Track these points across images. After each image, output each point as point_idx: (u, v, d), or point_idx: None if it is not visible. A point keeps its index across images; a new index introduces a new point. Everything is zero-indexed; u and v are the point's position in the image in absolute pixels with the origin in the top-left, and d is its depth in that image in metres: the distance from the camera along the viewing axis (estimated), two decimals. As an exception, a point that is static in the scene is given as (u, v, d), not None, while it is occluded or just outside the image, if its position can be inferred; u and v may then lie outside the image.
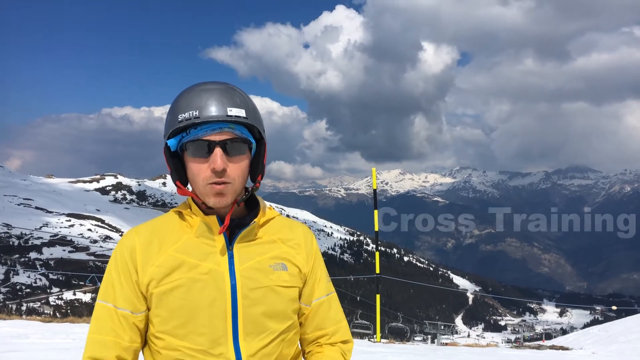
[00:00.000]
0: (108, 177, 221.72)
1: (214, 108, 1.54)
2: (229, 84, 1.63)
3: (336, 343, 1.78)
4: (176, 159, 1.64)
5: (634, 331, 14.68)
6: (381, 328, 14.46)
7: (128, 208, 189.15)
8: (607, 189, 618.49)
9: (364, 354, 9.52)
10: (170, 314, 1.56)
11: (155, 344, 1.60)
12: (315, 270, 1.77)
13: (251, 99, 1.65)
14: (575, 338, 17.50)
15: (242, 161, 1.59)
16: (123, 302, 1.60)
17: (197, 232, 1.63)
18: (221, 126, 1.54)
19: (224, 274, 1.59)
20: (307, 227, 1.84)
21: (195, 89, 1.59)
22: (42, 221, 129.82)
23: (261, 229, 1.70)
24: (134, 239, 1.63)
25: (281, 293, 1.64)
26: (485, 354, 11.09)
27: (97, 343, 1.59)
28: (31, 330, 11.35)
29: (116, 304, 1.60)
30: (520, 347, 14.16)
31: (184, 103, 1.57)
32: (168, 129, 1.59)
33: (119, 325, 1.59)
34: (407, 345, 14.13)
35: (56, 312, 71.77)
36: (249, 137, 1.61)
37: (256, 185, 1.69)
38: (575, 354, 12.10)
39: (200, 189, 1.58)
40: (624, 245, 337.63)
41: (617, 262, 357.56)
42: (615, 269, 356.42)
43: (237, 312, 1.57)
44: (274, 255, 1.67)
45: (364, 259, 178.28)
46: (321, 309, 1.76)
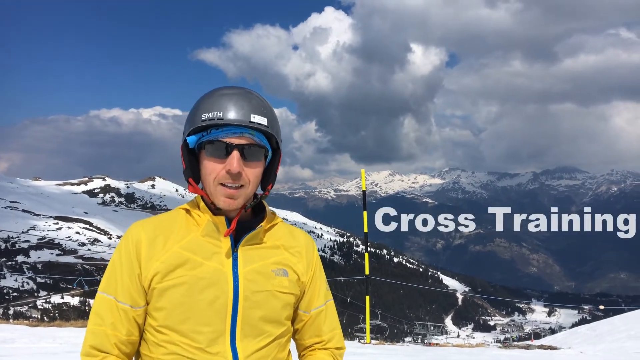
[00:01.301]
0: (96, 180, 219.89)
1: (237, 112, 1.57)
2: (255, 92, 1.67)
3: (330, 349, 1.84)
4: (192, 157, 1.67)
5: (621, 330, 14.79)
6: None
7: (117, 210, 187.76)
8: (595, 189, 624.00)
9: (354, 356, 9.51)
10: (172, 309, 1.58)
11: (156, 337, 1.62)
12: (315, 279, 1.81)
13: (273, 109, 1.69)
14: (564, 337, 17.60)
15: (257, 167, 1.63)
16: (123, 295, 1.62)
17: (204, 231, 1.65)
18: (242, 131, 1.58)
19: (227, 275, 1.61)
20: (309, 236, 1.87)
21: (220, 92, 1.63)
22: (29, 224, 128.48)
23: (266, 234, 1.74)
24: (139, 232, 1.65)
25: (280, 298, 1.67)
26: (475, 354, 11.13)
27: (98, 334, 1.61)
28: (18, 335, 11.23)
29: (117, 297, 1.62)
30: (509, 347, 14.23)
31: (209, 103, 1.60)
32: (190, 126, 1.62)
33: (119, 318, 1.61)
34: (397, 346, 14.14)
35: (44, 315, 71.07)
36: (266, 145, 1.65)
37: (265, 194, 1.72)
38: (564, 354, 12.17)
39: (211, 189, 1.61)
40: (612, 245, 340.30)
41: (605, 262, 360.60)
42: (603, 268, 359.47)
43: (236, 314, 1.60)
44: (277, 260, 1.71)
45: (354, 260, 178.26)
46: (319, 317, 1.81)
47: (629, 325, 15.29)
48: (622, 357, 11.38)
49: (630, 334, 13.89)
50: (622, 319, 17.19)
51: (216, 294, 1.59)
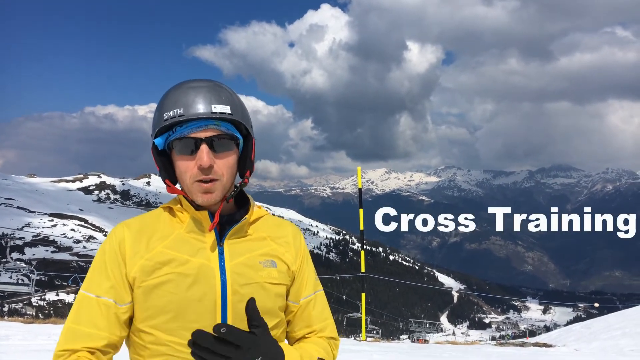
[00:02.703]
0: (91, 177, 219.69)
1: (198, 105, 1.54)
2: (215, 81, 1.64)
3: (323, 338, 1.79)
4: (164, 158, 1.64)
5: (615, 328, 14.85)
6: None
7: (112, 208, 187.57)
8: (590, 188, 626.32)
9: (349, 353, 9.53)
10: (159, 308, 1.55)
11: (142, 339, 1.58)
12: (303, 269, 1.78)
13: (237, 95, 1.66)
14: (559, 335, 17.67)
15: (229, 157, 1.60)
16: (107, 291, 1.57)
17: (188, 227, 1.63)
18: (206, 123, 1.55)
19: (214, 270, 1.58)
20: (295, 226, 1.85)
21: (180, 87, 1.60)
22: (24, 221, 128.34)
23: (251, 226, 1.71)
24: (123, 231, 1.63)
25: (270, 290, 1.64)
26: (470, 352, 11.15)
27: (73, 333, 1.56)
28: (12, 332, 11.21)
29: (99, 294, 1.57)
30: (504, 345, 14.27)
31: (169, 101, 1.58)
32: (154, 127, 1.60)
33: (99, 315, 1.56)
34: (392, 343, 14.17)
35: (39, 313, 71.02)
36: (235, 134, 1.61)
37: (244, 181, 1.69)
38: (559, 351, 12.22)
39: (188, 187, 1.59)
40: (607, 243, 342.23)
41: (600, 260, 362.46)
42: (598, 266, 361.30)
43: (226, 308, 1.57)
44: (264, 252, 1.68)
45: (350, 257, 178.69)
46: (309, 306, 1.76)
47: (623, 323, 15.35)
48: (617, 354, 11.43)
49: (625, 332, 13.95)
50: (617, 317, 17.27)
51: (204, 290, 1.56)
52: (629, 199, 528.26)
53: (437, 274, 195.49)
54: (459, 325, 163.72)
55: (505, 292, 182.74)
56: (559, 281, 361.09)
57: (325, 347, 1.74)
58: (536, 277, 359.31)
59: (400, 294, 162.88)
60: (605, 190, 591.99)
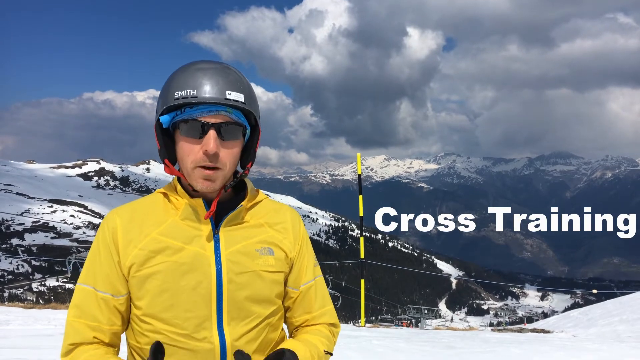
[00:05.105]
0: (91, 163, 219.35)
1: (212, 89, 1.48)
2: (229, 66, 1.58)
3: (323, 324, 1.77)
4: (167, 137, 1.58)
5: (613, 314, 14.94)
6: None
7: (111, 194, 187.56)
8: (589, 175, 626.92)
9: (348, 338, 9.57)
10: (154, 297, 1.52)
11: (140, 327, 1.56)
12: (302, 255, 1.74)
13: (250, 84, 1.61)
14: (556, 321, 17.77)
15: (235, 146, 1.55)
16: (103, 285, 1.55)
17: (183, 214, 1.58)
18: (218, 109, 1.49)
19: (209, 258, 1.55)
20: (294, 211, 1.80)
21: (193, 67, 1.54)
22: (23, 207, 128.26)
23: (248, 212, 1.67)
24: (115, 220, 1.59)
25: (267, 278, 1.61)
26: (468, 338, 11.19)
27: (77, 327, 1.55)
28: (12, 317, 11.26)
29: (96, 287, 1.56)
30: (502, 331, 14.34)
31: (181, 80, 1.51)
32: (162, 105, 1.53)
33: (98, 308, 1.55)
34: (391, 329, 14.24)
35: (39, 298, 71.27)
36: (244, 123, 1.56)
37: (245, 172, 1.65)
38: (556, 337, 12.27)
39: (188, 171, 1.53)
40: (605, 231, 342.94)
41: (598, 247, 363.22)
42: (596, 253, 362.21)
43: (222, 297, 1.54)
44: (261, 239, 1.64)
45: (349, 244, 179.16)
46: (309, 292, 1.74)
47: (621, 310, 15.44)
48: (614, 340, 11.49)
49: (623, 318, 14.03)
50: (615, 304, 17.37)
51: (198, 278, 1.53)
52: (628, 186, 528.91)
53: (435, 260, 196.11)
54: (457, 312, 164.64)
55: (503, 278, 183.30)
56: (558, 268, 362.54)
57: (327, 336, 1.72)
58: (534, 264, 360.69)
59: (399, 281, 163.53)
60: (605, 177, 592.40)
